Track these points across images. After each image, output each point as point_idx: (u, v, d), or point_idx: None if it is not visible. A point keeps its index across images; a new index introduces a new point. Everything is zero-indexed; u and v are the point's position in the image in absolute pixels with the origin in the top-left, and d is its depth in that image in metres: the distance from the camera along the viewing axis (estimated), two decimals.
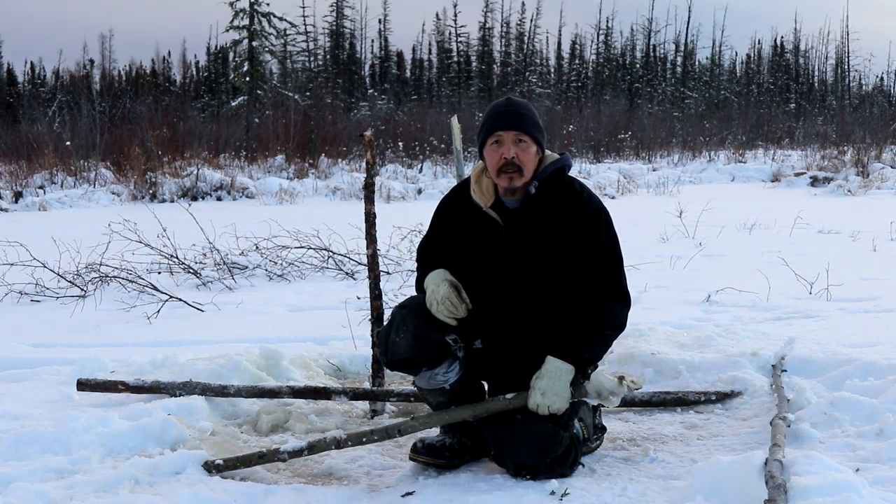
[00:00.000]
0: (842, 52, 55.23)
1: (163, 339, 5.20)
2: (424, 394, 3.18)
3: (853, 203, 14.31)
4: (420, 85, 52.09)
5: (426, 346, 2.98)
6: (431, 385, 3.09)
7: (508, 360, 3.01)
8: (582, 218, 2.99)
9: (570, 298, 2.98)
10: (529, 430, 2.87)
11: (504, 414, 2.93)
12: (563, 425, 2.93)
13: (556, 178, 3.05)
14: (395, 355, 3.01)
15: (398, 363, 3.04)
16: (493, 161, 2.99)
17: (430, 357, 3.01)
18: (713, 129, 31.10)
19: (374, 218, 3.81)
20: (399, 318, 3.01)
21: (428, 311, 3.00)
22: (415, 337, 2.96)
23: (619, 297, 3.01)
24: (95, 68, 52.02)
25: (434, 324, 2.99)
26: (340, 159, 22.86)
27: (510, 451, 2.91)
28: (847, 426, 3.24)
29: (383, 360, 3.08)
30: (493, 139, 2.99)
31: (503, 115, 3.00)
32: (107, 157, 19.85)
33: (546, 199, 3.02)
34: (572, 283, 2.98)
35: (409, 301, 3.11)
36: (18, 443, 3.22)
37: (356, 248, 7.35)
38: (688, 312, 5.60)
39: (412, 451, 3.09)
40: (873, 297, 5.92)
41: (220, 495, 2.82)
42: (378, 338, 3.11)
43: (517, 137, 2.97)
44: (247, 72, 33.89)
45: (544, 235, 2.99)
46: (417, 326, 2.97)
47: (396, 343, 2.98)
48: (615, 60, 53.01)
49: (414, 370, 3.06)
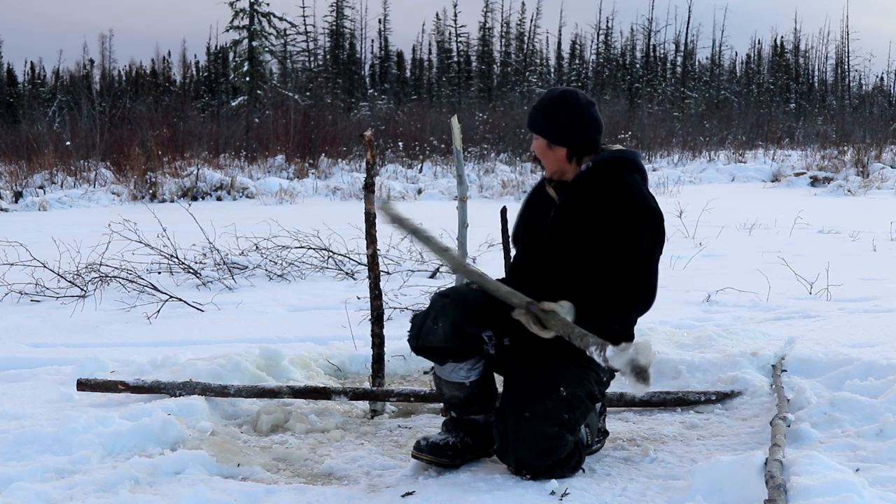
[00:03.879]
0: (842, 52, 55.24)
1: (163, 339, 5.20)
2: (440, 384, 3.16)
3: (853, 203, 14.31)
4: (420, 85, 52.09)
5: (462, 340, 2.98)
6: (451, 378, 3.08)
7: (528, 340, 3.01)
8: (623, 209, 2.98)
9: (595, 282, 2.98)
10: (537, 430, 2.87)
11: (513, 411, 2.91)
12: (570, 429, 2.93)
13: (611, 166, 3.08)
14: (427, 342, 3.01)
15: (427, 350, 3.04)
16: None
17: (461, 351, 3.01)
18: (713, 129, 31.10)
19: (374, 218, 3.81)
20: (439, 306, 3.00)
21: (468, 303, 3.00)
22: (453, 329, 2.96)
23: (644, 292, 2.99)
24: (95, 68, 52.10)
25: (473, 317, 2.98)
26: (340, 159, 22.85)
27: (514, 448, 2.90)
28: (847, 426, 3.24)
29: (412, 344, 3.07)
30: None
31: (528, 114, 3.21)
32: (107, 157, 19.85)
33: (595, 181, 3.05)
34: (601, 268, 2.98)
35: (450, 291, 3.13)
36: (18, 443, 3.22)
37: (356, 248, 7.35)
38: (688, 312, 5.60)
39: (415, 449, 3.08)
40: (873, 297, 5.92)
41: (220, 495, 2.82)
42: (412, 321, 3.09)
43: (534, 136, 3.18)
44: (247, 72, 33.93)
45: (584, 216, 3.01)
46: (456, 318, 2.96)
47: (433, 330, 2.98)
48: (615, 60, 53.01)
49: (441, 360, 3.06)
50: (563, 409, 2.91)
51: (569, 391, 2.93)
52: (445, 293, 3.09)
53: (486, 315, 2.99)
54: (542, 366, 2.94)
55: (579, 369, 3.00)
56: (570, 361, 2.97)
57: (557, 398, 2.91)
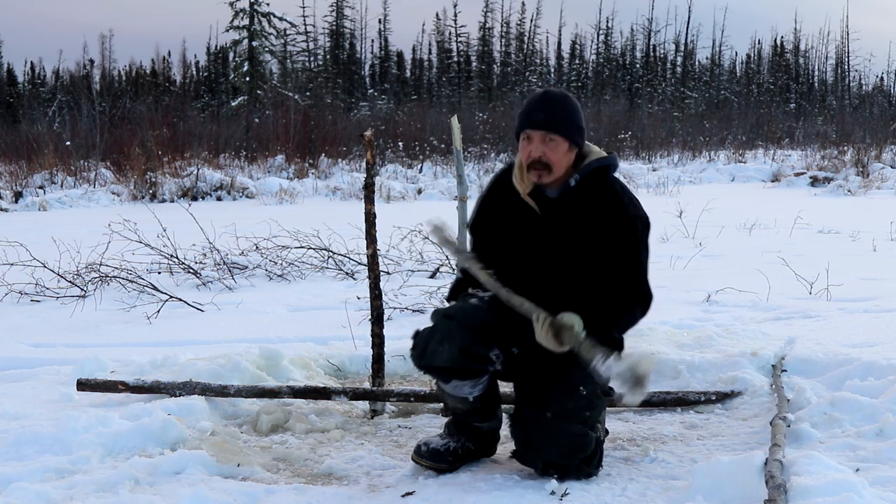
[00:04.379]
0: (842, 52, 55.26)
1: (163, 339, 5.20)
2: (444, 395, 3.15)
3: (853, 203, 14.32)
4: (420, 85, 52.11)
5: (469, 362, 2.93)
6: (455, 393, 3.06)
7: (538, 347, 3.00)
8: (618, 223, 2.96)
9: (595, 296, 2.96)
10: (562, 429, 2.86)
11: (535, 414, 2.90)
12: (591, 426, 2.93)
13: (598, 176, 3.02)
14: (433, 362, 2.96)
15: (432, 369, 3.00)
16: (524, 156, 3.00)
17: (467, 372, 2.97)
18: (713, 129, 31.11)
19: (374, 218, 3.81)
20: (445, 329, 2.92)
21: (474, 325, 2.92)
22: (460, 351, 2.90)
23: (643, 301, 3.00)
24: (95, 68, 52.15)
25: (480, 338, 2.92)
26: (340, 159, 22.87)
27: (540, 450, 2.89)
28: (847, 426, 3.24)
29: (416, 362, 3.02)
30: (525, 135, 3.00)
31: (534, 112, 2.98)
32: (107, 157, 19.86)
33: (585, 195, 3.00)
34: (598, 282, 2.97)
35: (455, 311, 2.98)
36: (18, 443, 3.22)
37: (356, 248, 7.35)
38: (688, 312, 5.60)
39: (415, 454, 3.07)
40: (873, 297, 5.92)
41: (220, 495, 2.82)
42: (415, 340, 3.02)
43: (546, 137, 2.96)
44: (247, 72, 33.93)
45: (579, 231, 2.97)
46: (464, 342, 2.90)
47: (438, 352, 2.92)
48: (615, 60, 53.03)
49: (445, 379, 3.02)
50: (585, 407, 2.91)
51: (588, 389, 2.93)
52: (450, 314, 2.98)
53: (492, 334, 2.94)
54: (560, 368, 2.93)
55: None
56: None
57: (578, 397, 2.91)
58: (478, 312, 2.96)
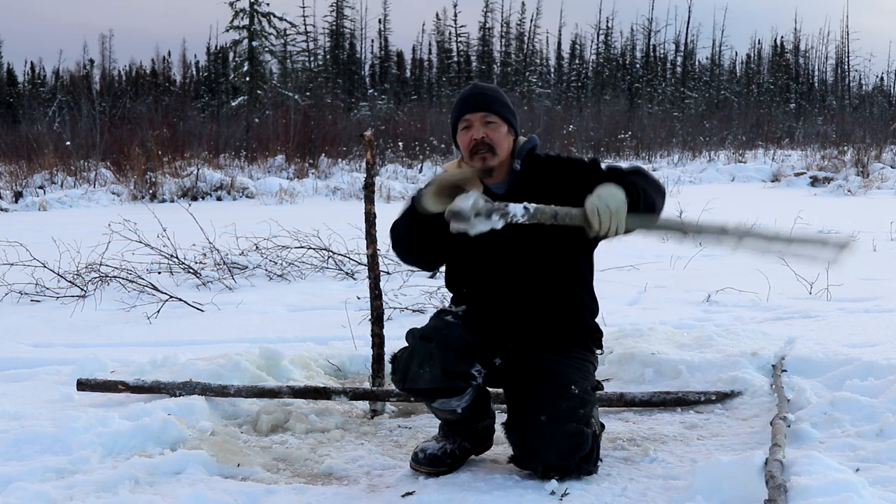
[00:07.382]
0: (842, 52, 55.30)
1: (163, 339, 5.20)
2: (432, 410, 3.14)
3: (853, 203, 14.31)
4: (420, 85, 52.13)
5: (452, 381, 2.91)
6: (442, 408, 3.04)
7: (536, 328, 3.00)
8: (573, 168, 3.01)
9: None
10: (558, 431, 2.85)
11: (529, 419, 2.89)
12: (586, 423, 2.92)
13: (533, 155, 3.07)
14: (415, 385, 2.94)
15: (415, 391, 3.00)
16: (465, 144, 3.00)
17: (451, 391, 2.95)
18: (713, 129, 31.13)
19: (374, 218, 3.81)
20: (424, 352, 2.90)
21: (453, 344, 2.89)
22: (443, 372, 2.88)
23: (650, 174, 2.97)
24: (95, 68, 52.20)
25: (461, 357, 2.89)
26: (340, 159, 22.88)
27: (539, 454, 2.88)
28: (847, 426, 3.23)
29: (398, 386, 3.01)
30: (463, 124, 3.01)
31: (469, 98, 3.02)
32: (107, 157, 19.87)
33: (533, 172, 3.03)
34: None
35: (432, 332, 2.92)
36: (18, 443, 3.22)
37: (356, 248, 7.35)
38: (688, 312, 5.59)
39: (413, 461, 3.07)
40: (873, 297, 5.92)
41: (220, 495, 2.81)
42: (394, 364, 3.01)
43: (485, 119, 2.98)
44: (247, 72, 33.95)
45: (543, 202, 2.88)
46: (445, 361, 2.87)
47: (419, 375, 2.91)
48: (615, 60, 53.04)
49: (430, 399, 3.01)
50: (578, 405, 2.91)
51: (579, 387, 2.93)
52: (427, 335, 2.93)
53: (471, 350, 2.91)
54: (548, 369, 2.93)
55: (581, 363, 3.03)
56: (570, 359, 3.01)
57: (570, 396, 2.90)
58: (454, 330, 2.92)
